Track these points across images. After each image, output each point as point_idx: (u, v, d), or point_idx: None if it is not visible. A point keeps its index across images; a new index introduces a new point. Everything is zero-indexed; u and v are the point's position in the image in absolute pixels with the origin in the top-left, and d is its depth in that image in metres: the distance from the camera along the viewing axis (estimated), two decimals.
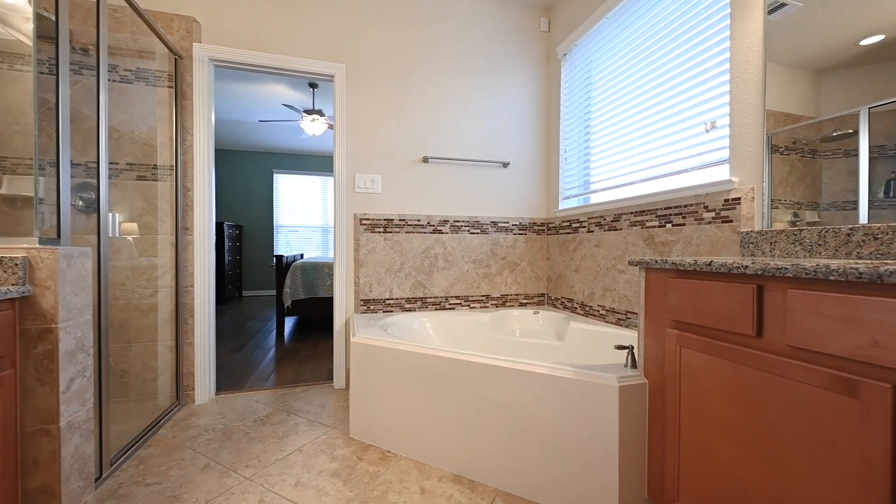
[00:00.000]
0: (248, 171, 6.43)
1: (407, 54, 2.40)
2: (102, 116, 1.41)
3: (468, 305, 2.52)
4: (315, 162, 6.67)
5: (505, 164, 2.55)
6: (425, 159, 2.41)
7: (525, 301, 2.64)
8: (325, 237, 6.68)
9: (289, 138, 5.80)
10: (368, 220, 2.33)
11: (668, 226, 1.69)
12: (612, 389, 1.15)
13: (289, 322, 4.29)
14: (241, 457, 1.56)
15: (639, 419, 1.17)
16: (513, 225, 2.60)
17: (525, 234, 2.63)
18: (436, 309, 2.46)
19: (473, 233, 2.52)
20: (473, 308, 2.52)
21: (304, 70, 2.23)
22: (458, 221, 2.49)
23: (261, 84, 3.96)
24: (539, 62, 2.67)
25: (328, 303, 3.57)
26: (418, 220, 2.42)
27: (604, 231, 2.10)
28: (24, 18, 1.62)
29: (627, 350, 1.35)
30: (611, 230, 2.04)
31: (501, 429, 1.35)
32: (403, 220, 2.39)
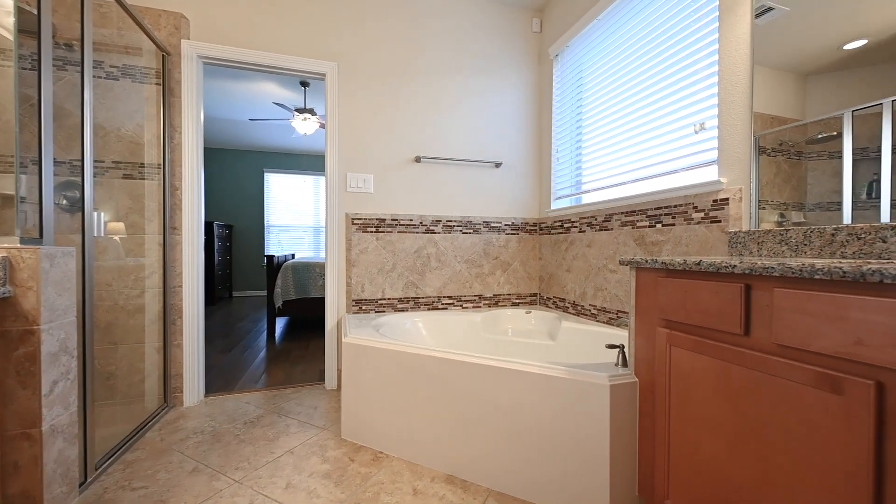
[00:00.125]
0: (239, 170, 6.35)
1: (399, 53, 2.39)
2: (87, 113, 1.38)
3: (461, 305, 2.52)
4: (306, 161, 6.62)
5: (497, 164, 2.56)
6: (418, 159, 2.40)
7: (517, 301, 2.64)
8: (317, 237, 6.63)
9: (280, 137, 5.74)
10: (360, 219, 2.31)
11: (659, 226, 1.71)
12: (603, 388, 1.16)
13: (280, 323, 4.25)
14: (231, 459, 1.53)
15: (629, 418, 1.18)
16: (505, 225, 2.61)
17: (517, 234, 2.64)
18: (428, 309, 2.45)
19: (466, 233, 2.52)
20: (466, 308, 2.53)
21: (295, 68, 2.20)
22: (451, 221, 2.49)
23: (251, 82, 3.92)
24: (531, 63, 2.68)
25: (320, 303, 3.54)
26: (410, 220, 2.41)
27: (595, 231, 2.11)
28: (6, 12, 1.58)
29: (618, 349, 1.36)
30: (602, 230, 2.06)
31: (493, 428, 1.35)
32: (396, 219, 2.38)
